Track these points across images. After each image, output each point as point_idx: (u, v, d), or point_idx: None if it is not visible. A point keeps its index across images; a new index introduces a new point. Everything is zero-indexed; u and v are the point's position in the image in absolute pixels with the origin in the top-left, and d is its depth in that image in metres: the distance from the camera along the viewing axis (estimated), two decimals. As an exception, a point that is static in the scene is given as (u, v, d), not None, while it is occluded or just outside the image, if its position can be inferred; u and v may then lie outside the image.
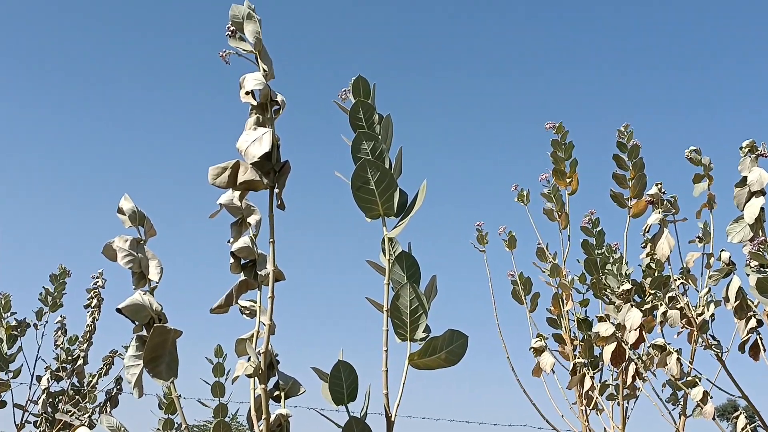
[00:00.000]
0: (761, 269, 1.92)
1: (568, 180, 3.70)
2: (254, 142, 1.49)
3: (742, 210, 2.34)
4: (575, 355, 3.53)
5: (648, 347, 3.07)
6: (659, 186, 2.95)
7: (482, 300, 3.98)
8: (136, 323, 1.47)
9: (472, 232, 4.01)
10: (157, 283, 1.53)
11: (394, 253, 1.72)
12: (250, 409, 1.51)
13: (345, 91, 1.80)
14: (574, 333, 3.63)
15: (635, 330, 2.89)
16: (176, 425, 3.13)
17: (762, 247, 1.87)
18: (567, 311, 3.65)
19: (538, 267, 3.78)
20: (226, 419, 2.89)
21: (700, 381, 2.82)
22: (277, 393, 1.56)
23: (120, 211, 1.57)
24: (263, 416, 1.46)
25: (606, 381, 3.41)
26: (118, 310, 1.45)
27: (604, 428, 3.42)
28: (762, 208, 2.30)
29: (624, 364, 3.10)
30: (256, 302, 1.62)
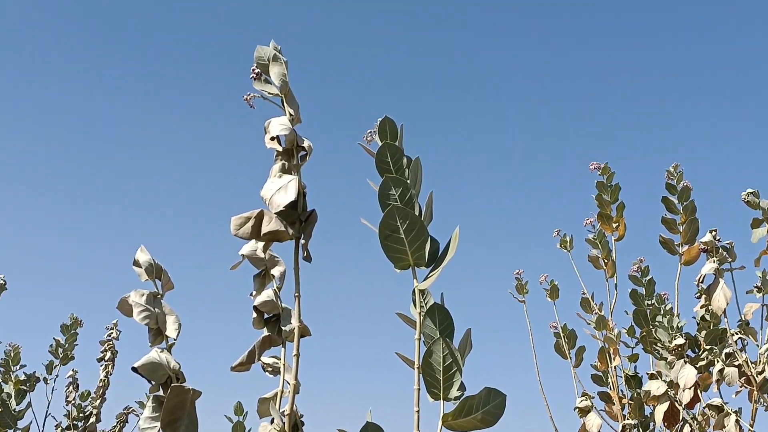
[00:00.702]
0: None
1: (614, 225, 3.69)
2: (279, 190, 1.51)
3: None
4: (624, 416, 3.48)
5: (704, 407, 3.03)
6: (714, 233, 2.92)
7: (522, 355, 3.95)
8: (153, 383, 1.48)
9: (510, 280, 4.01)
10: (174, 339, 1.55)
11: (425, 305, 1.72)
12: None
13: (371, 132, 1.82)
14: (623, 391, 3.59)
15: (690, 389, 2.85)
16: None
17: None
18: (615, 367, 3.61)
19: (583, 319, 3.75)
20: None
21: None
22: (301, 457, 1.56)
23: (136, 263, 1.59)
24: (287, 483, 1.46)
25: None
26: (134, 369, 1.47)
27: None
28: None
29: (678, 425, 3.05)
30: (279, 359, 1.64)
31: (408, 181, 1.71)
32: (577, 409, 3.53)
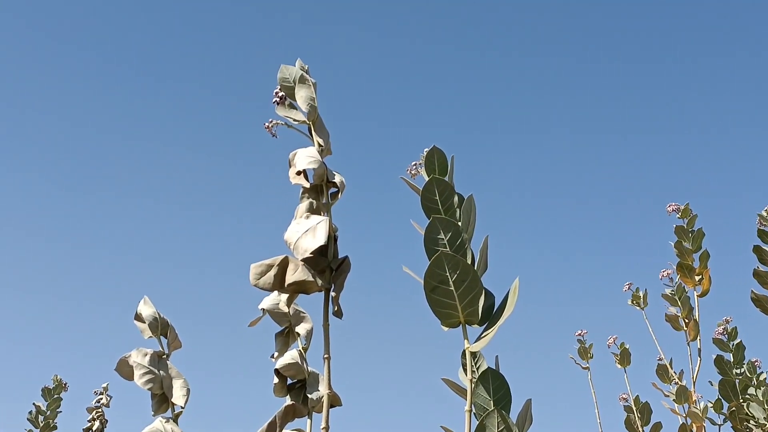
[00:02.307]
0: None
1: (697, 278, 3.64)
2: (306, 233, 1.50)
3: None
4: None
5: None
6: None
7: (587, 430, 3.89)
8: (156, 460, 1.47)
9: (573, 343, 3.97)
10: (182, 407, 1.54)
11: (477, 370, 1.71)
12: None
13: (416, 164, 1.81)
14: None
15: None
16: None
17: None
18: (699, 448, 3.55)
19: (660, 390, 3.70)
20: None
21: None
22: None
23: (138, 317, 1.59)
24: None
25: None
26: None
27: None
28: None
29: None
30: (305, 433, 1.62)
31: (459, 224, 1.70)
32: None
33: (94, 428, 4.76)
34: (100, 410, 4.79)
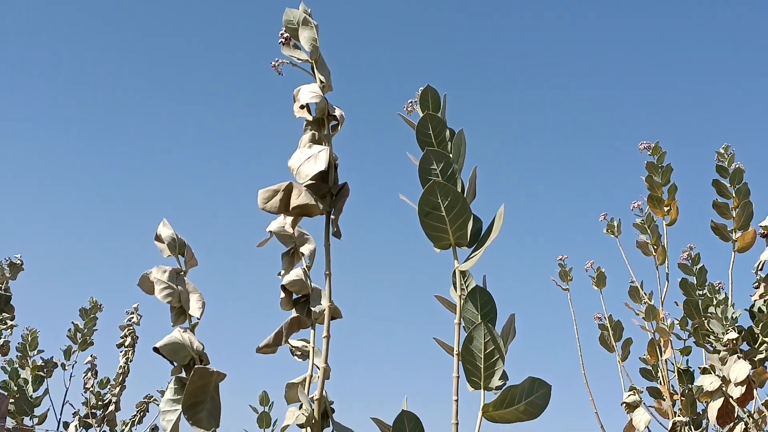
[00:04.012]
0: None
1: (665, 208, 3.63)
2: (308, 160, 1.48)
3: None
4: (675, 413, 3.43)
5: (761, 405, 2.98)
6: (775, 215, 2.88)
7: (565, 346, 3.91)
8: (175, 364, 1.47)
9: (554, 266, 3.97)
10: (198, 319, 1.53)
11: (466, 287, 1.70)
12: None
13: (411, 102, 1.79)
14: (674, 386, 3.55)
15: (741, 384, 2.80)
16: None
17: None
18: (665, 360, 3.56)
19: (631, 309, 3.71)
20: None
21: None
22: (332, 446, 1.55)
23: (158, 238, 1.58)
24: (317, 473, 1.45)
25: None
26: (155, 350, 1.46)
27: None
28: None
29: (732, 423, 3.00)
30: (308, 342, 1.62)
31: (450, 155, 1.68)
32: (624, 405, 3.48)
33: (126, 343, 4.80)
34: (131, 327, 4.83)
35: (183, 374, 1.47)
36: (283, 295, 1.63)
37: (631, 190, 3.79)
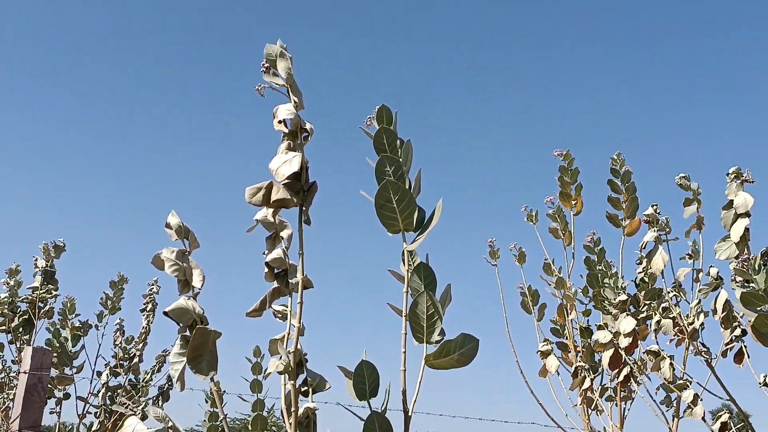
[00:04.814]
0: (745, 284, 1.88)
1: (573, 202, 3.67)
2: (285, 163, 1.49)
3: (729, 230, 2.30)
4: (578, 360, 3.48)
5: (643, 353, 3.02)
6: (655, 207, 2.91)
7: (495, 310, 3.94)
8: (181, 325, 1.47)
9: (486, 247, 3.99)
10: (199, 289, 1.53)
11: (413, 264, 1.71)
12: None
13: (370, 118, 1.79)
14: (577, 341, 3.59)
15: (629, 336, 2.85)
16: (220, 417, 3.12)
17: (746, 264, 1.83)
18: (571, 320, 3.60)
19: (545, 280, 3.74)
20: (263, 413, 2.87)
21: (690, 384, 2.77)
22: (305, 389, 1.55)
23: (168, 225, 1.57)
24: (292, 409, 1.45)
25: (605, 384, 3.36)
26: (165, 313, 1.46)
27: (604, 427, 3.37)
28: (747, 228, 2.26)
29: (620, 368, 3.05)
30: (287, 307, 1.62)
31: (400, 160, 1.69)
32: (539, 353, 3.53)
33: (148, 309, 4.76)
34: (151, 296, 4.79)
35: (187, 333, 1.47)
36: (266, 270, 1.63)
37: (546, 187, 3.83)
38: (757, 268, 1.80)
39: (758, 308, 1.81)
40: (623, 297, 3.03)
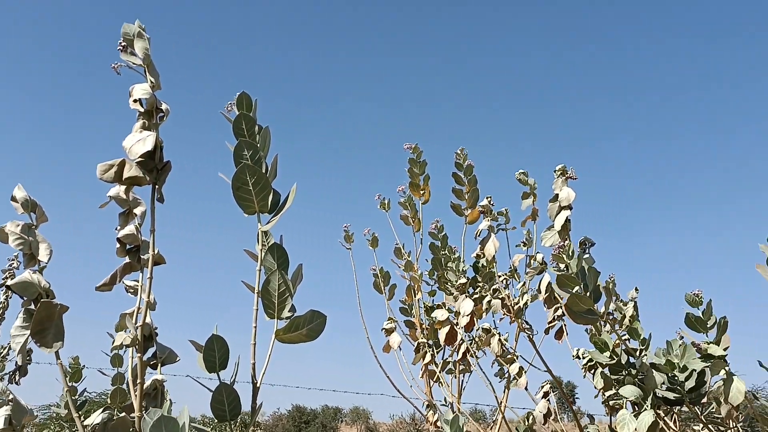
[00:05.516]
0: (561, 268, 2.01)
1: (421, 192, 3.76)
2: (138, 142, 1.43)
3: (553, 220, 2.45)
4: (423, 336, 3.58)
5: (480, 331, 3.15)
6: (489, 198, 3.04)
7: (348, 289, 3.98)
8: (25, 298, 1.38)
9: (341, 231, 4.02)
10: (45, 263, 1.44)
11: (267, 244, 1.70)
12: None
13: (231, 104, 1.76)
14: (423, 319, 3.69)
15: (467, 315, 2.97)
16: (80, 391, 2.96)
17: (562, 250, 1.96)
18: (417, 300, 3.70)
19: (396, 263, 3.82)
20: (123, 386, 2.76)
21: (517, 359, 2.92)
22: (154, 361, 1.50)
23: (13, 199, 1.47)
24: (139, 381, 1.40)
25: (447, 359, 3.48)
26: (8, 287, 1.36)
27: (444, 398, 3.49)
28: (568, 219, 2.41)
29: (457, 343, 3.17)
30: (138, 282, 1.56)
31: (258, 145, 1.67)
32: (384, 330, 3.60)
33: (7, 283, 4.44)
34: (11, 271, 4.46)
35: (32, 306, 1.38)
36: (118, 245, 1.57)
37: (397, 177, 3.89)
38: (570, 254, 1.94)
39: (571, 289, 1.94)
40: (463, 280, 3.15)
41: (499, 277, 3.00)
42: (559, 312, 2.72)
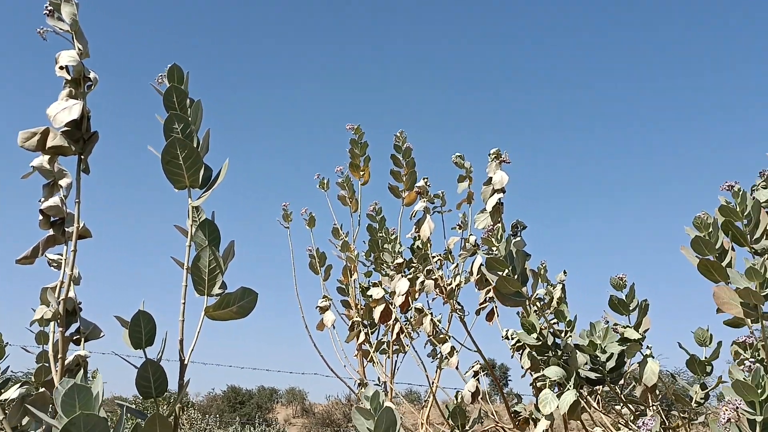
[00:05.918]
0: (490, 251, 2.06)
1: (361, 173, 3.76)
2: (64, 110, 1.38)
3: (486, 203, 2.49)
4: (358, 316, 3.60)
5: (414, 310, 3.19)
6: (425, 180, 3.06)
7: (285, 269, 3.95)
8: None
9: (279, 210, 4.00)
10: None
11: (198, 219, 1.67)
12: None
13: (162, 76, 1.72)
14: (359, 298, 3.71)
15: (402, 295, 3.00)
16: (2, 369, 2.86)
17: (491, 233, 2.00)
18: (353, 280, 3.72)
19: (333, 243, 3.82)
20: (47, 364, 2.69)
21: (449, 339, 2.98)
22: (78, 337, 1.47)
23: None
24: (60, 356, 1.37)
25: (381, 339, 3.51)
26: None
27: (378, 377, 3.53)
28: (500, 202, 2.45)
29: (391, 322, 3.20)
30: (63, 256, 1.52)
31: (189, 119, 1.64)
32: (318, 308, 3.61)
33: None
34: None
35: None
36: (41, 217, 1.52)
37: (338, 157, 3.88)
38: (499, 237, 1.98)
39: (500, 272, 1.98)
40: (399, 260, 3.18)
41: (433, 258, 3.04)
42: (490, 294, 2.78)
